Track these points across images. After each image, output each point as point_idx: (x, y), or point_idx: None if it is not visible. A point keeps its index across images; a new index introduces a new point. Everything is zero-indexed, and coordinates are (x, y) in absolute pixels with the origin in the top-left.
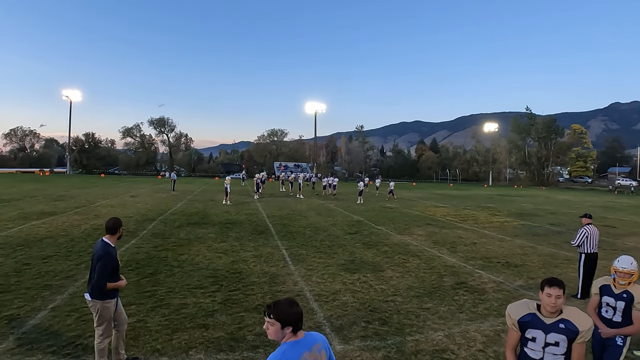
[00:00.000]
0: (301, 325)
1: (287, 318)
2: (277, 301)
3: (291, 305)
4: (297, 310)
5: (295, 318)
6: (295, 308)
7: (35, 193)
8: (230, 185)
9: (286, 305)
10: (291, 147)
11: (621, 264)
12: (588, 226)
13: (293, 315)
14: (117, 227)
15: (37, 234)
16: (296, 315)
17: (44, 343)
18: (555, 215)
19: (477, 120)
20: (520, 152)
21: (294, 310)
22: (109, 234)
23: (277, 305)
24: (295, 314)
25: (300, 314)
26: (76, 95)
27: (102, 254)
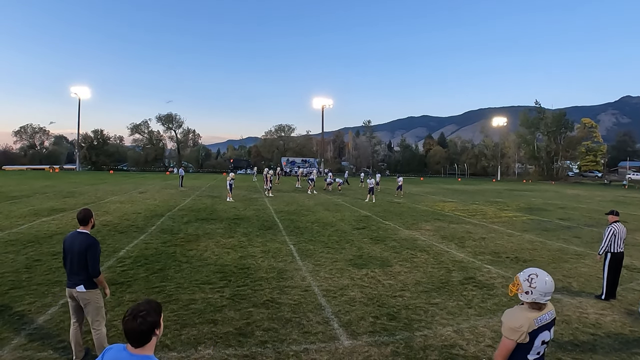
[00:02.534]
0: (133, 344)
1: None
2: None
3: (128, 317)
4: (127, 325)
5: (126, 333)
6: (130, 323)
7: (45, 190)
8: (233, 181)
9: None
10: (298, 142)
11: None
12: (615, 224)
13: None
14: (88, 218)
15: (47, 230)
16: (124, 330)
17: (55, 339)
18: (565, 210)
19: (485, 114)
20: (529, 147)
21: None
22: (82, 225)
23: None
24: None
25: (131, 330)
26: (85, 93)
27: (90, 243)
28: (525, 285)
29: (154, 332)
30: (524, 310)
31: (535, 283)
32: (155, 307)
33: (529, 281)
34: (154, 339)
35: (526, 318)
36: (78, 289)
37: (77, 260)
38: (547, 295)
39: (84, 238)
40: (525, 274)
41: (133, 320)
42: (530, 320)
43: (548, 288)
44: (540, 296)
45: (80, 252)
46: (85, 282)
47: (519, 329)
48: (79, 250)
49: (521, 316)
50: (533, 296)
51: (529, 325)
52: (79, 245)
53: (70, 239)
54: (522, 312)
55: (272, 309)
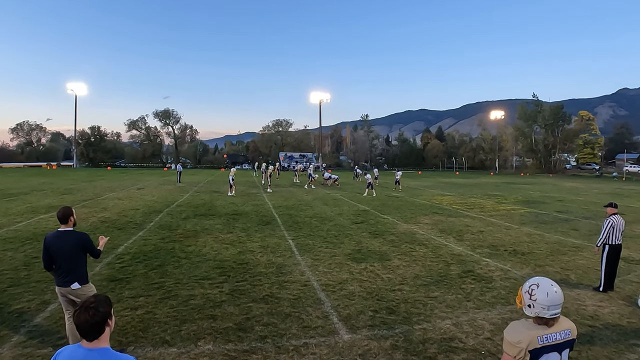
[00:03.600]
0: (87, 337)
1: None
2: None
3: (78, 311)
4: (79, 319)
5: (78, 327)
6: (83, 316)
7: (42, 187)
8: (234, 176)
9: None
10: (296, 137)
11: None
12: (614, 216)
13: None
14: (68, 216)
15: (45, 227)
16: (76, 324)
17: (55, 336)
18: (563, 202)
19: (483, 107)
20: (526, 140)
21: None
22: (62, 223)
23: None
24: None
25: (83, 323)
26: (81, 89)
27: (84, 239)
28: (526, 298)
29: (106, 323)
30: (528, 325)
31: (536, 295)
32: (105, 299)
33: (529, 293)
34: (107, 330)
35: (527, 334)
36: (73, 287)
37: (69, 260)
38: (553, 308)
39: (75, 236)
40: (527, 284)
41: (85, 312)
42: (532, 337)
43: (552, 300)
44: (543, 310)
45: (73, 251)
46: (79, 279)
47: (517, 344)
48: (70, 249)
49: (521, 331)
50: (535, 310)
51: (530, 342)
52: (73, 244)
53: (56, 239)
54: (524, 327)
55: (272, 304)
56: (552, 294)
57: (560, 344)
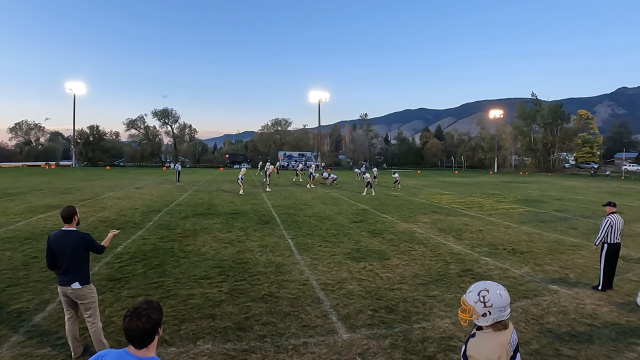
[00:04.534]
0: (137, 345)
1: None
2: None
3: (130, 316)
4: (131, 325)
5: (128, 333)
6: (135, 322)
7: (41, 186)
8: (244, 176)
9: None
10: (295, 136)
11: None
12: (612, 215)
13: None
14: (72, 215)
15: (44, 227)
16: (126, 330)
17: (54, 336)
18: (561, 201)
19: (482, 106)
20: (525, 139)
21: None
22: (66, 223)
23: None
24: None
25: (135, 330)
26: (80, 88)
27: (87, 239)
28: (479, 308)
29: (157, 331)
30: (493, 335)
31: (490, 300)
32: (157, 306)
33: (482, 301)
34: (156, 338)
35: (501, 345)
36: (73, 287)
37: (71, 259)
38: (507, 307)
39: (77, 236)
40: (473, 294)
41: (138, 318)
42: (506, 346)
43: (505, 299)
44: (501, 313)
45: (76, 251)
46: (80, 278)
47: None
48: (73, 249)
49: (495, 344)
50: (493, 316)
51: (507, 353)
52: (75, 244)
53: (59, 239)
54: (494, 339)
55: (271, 303)
56: (503, 293)
57: (517, 345)
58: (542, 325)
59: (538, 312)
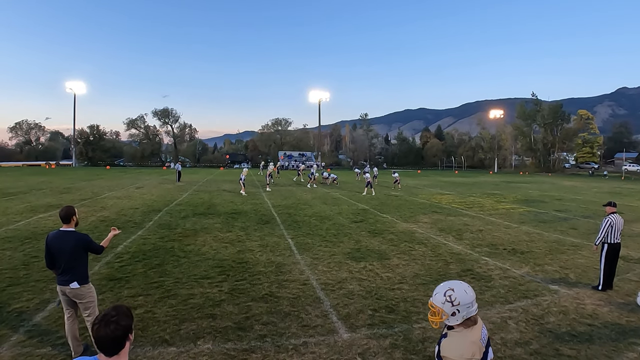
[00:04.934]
0: (107, 352)
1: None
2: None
3: (98, 324)
4: (99, 332)
5: (97, 341)
6: (103, 330)
7: (41, 186)
8: (246, 176)
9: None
10: (295, 136)
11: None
12: (612, 215)
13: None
14: (70, 216)
15: (44, 226)
16: (95, 338)
17: (54, 335)
18: (562, 201)
19: (482, 106)
20: (525, 139)
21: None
22: (65, 223)
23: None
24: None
25: (103, 337)
26: (80, 88)
27: (86, 240)
28: (448, 308)
29: (127, 337)
30: (465, 334)
31: (457, 298)
32: (126, 311)
33: (450, 301)
34: (127, 344)
35: (473, 343)
36: (72, 286)
37: (69, 260)
38: (474, 303)
39: (75, 237)
40: (440, 295)
41: (106, 326)
42: (478, 343)
43: (471, 296)
44: (469, 309)
45: (74, 251)
46: (78, 278)
47: (470, 358)
48: (71, 250)
49: (467, 343)
50: (462, 314)
51: (480, 349)
52: (74, 245)
53: (57, 239)
54: (466, 338)
55: (271, 303)
56: (469, 290)
57: (489, 338)
58: (542, 325)
59: (538, 312)
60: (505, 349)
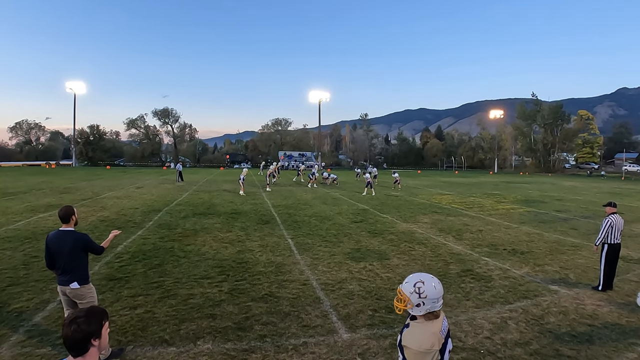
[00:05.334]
0: (72, 353)
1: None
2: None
3: (66, 323)
4: (64, 331)
5: (63, 340)
6: (65, 330)
7: (41, 186)
8: (245, 176)
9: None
10: (295, 136)
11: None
12: (612, 215)
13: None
14: (69, 215)
15: (44, 226)
16: (62, 337)
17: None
18: (562, 202)
19: (482, 107)
20: (525, 139)
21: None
22: (64, 223)
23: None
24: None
25: (65, 337)
26: (80, 88)
27: (85, 240)
28: (414, 298)
29: (89, 342)
30: (425, 325)
31: (425, 291)
32: (97, 315)
33: (418, 292)
34: (92, 350)
35: (433, 334)
36: (72, 286)
37: (69, 259)
38: (440, 299)
39: (74, 237)
40: (410, 285)
41: (68, 326)
42: (438, 335)
43: (439, 292)
44: (434, 304)
45: (73, 251)
46: (78, 278)
47: (430, 349)
48: (71, 250)
49: (427, 334)
50: (426, 307)
51: (439, 340)
52: (72, 245)
53: (57, 239)
54: (426, 329)
55: (271, 303)
56: (438, 285)
57: (449, 330)
58: (542, 326)
59: (538, 313)
60: (505, 349)
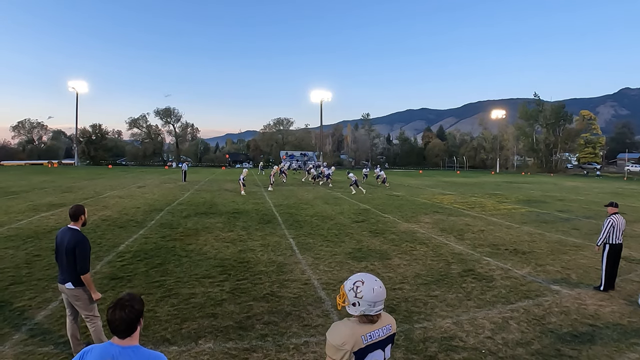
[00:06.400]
0: (121, 335)
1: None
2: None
3: (113, 308)
4: (115, 315)
5: (111, 324)
6: (118, 313)
7: (44, 185)
8: (245, 176)
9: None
10: (297, 136)
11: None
12: (614, 215)
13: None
14: (79, 214)
15: (46, 225)
16: (109, 321)
17: (56, 334)
18: (564, 202)
19: (484, 107)
20: (527, 139)
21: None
22: (73, 221)
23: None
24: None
25: (119, 320)
26: (82, 87)
27: (79, 240)
28: (350, 297)
29: (139, 321)
30: (351, 325)
31: (362, 292)
32: (139, 298)
33: (355, 290)
34: (138, 328)
35: (351, 334)
36: (67, 286)
37: (65, 257)
38: (378, 305)
39: (72, 235)
40: (350, 282)
41: (121, 310)
42: (357, 337)
43: (377, 296)
44: (369, 307)
45: (69, 249)
46: (73, 279)
47: (341, 347)
48: (67, 247)
49: (345, 332)
50: (361, 308)
51: (354, 342)
52: (67, 242)
53: (61, 234)
54: (348, 327)
55: (272, 303)
56: (378, 290)
57: (383, 340)
58: (543, 326)
59: (540, 313)
60: (507, 349)
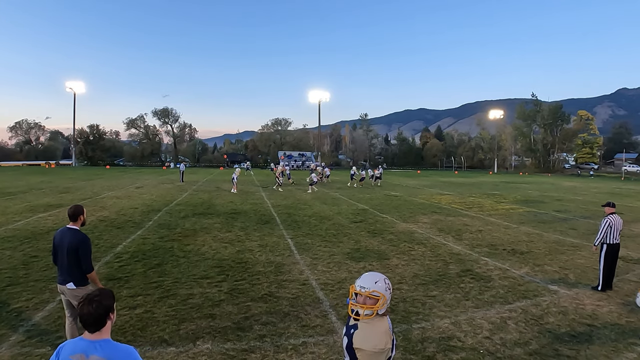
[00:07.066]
0: (90, 328)
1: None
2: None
3: (82, 303)
4: (83, 310)
5: (81, 318)
6: (86, 308)
7: (41, 185)
8: (238, 175)
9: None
10: (295, 136)
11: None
12: (611, 215)
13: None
14: (78, 214)
15: (44, 226)
16: (79, 316)
17: (53, 335)
18: (561, 202)
19: (482, 107)
20: (525, 139)
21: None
22: (72, 221)
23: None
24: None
25: (87, 314)
26: (80, 87)
27: (81, 239)
28: (389, 295)
29: (108, 316)
30: (375, 324)
31: (390, 284)
32: (109, 293)
33: (390, 288)
34: (108, 323)
35: (385, 333)
36: (68, 287)
37: (66, 258)
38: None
39: (73, 235)
40: (381, 282)
41: (89, 304)
42: (389, 333)
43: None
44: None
45: (70, 250)
46: (75, 279)
47: (384, 349)
48: (68, 248)
49: (380, 333)
50: (389, 301)
51: (390, 338)
52: (68, 242)
53: (60, 235)
54: (377, 328)
55: (270, 303)
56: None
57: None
58: (541, 326)
59: (538, 313)
60: (505, 349)
